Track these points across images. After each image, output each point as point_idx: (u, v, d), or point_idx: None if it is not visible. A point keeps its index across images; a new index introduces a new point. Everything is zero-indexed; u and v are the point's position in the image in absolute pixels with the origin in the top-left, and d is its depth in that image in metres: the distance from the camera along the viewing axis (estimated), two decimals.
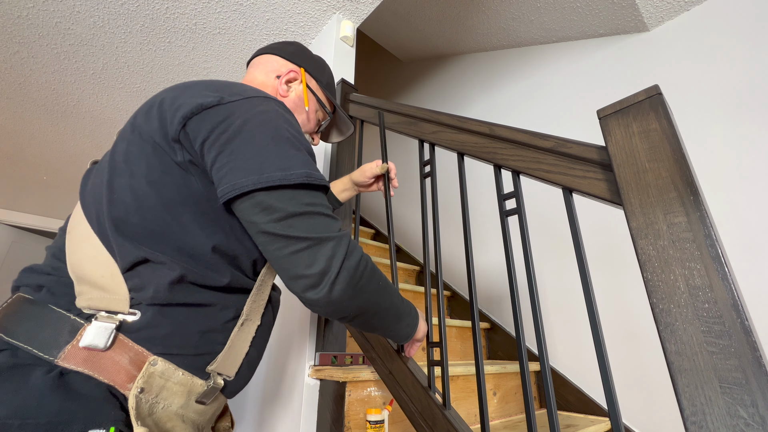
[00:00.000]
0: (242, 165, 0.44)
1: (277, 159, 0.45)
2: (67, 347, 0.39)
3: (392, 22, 2.32)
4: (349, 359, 1.03)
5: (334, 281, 0.44)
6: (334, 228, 0.47)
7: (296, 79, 0.68)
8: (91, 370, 0.39)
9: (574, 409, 1.37)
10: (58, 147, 2.63)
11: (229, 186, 0.44)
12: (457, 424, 0.68)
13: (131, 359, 0.41)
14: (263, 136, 0.47)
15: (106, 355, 0.40)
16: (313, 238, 0.44)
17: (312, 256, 0.44)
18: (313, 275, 0.43)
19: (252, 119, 0.47)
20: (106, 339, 0.40)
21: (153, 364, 0.42)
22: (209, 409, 0.50)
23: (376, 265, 0.53)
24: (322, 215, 0.47)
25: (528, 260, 0.64)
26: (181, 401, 0.45)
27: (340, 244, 0.46)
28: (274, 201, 0.44)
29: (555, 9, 1.75)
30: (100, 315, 0.42)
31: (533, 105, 1.92)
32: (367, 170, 0.90)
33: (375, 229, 2.71)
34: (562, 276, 1.54)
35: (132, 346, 0.42)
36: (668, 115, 0.51)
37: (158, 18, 1.59)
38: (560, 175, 0.63)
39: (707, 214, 0.45)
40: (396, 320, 0.60)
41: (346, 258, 0.46)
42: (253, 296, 0.53)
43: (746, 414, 0.38)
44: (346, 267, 0.46)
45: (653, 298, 0.46)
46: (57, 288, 0.44)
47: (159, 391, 0.42)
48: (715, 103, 1.34)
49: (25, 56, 1.76)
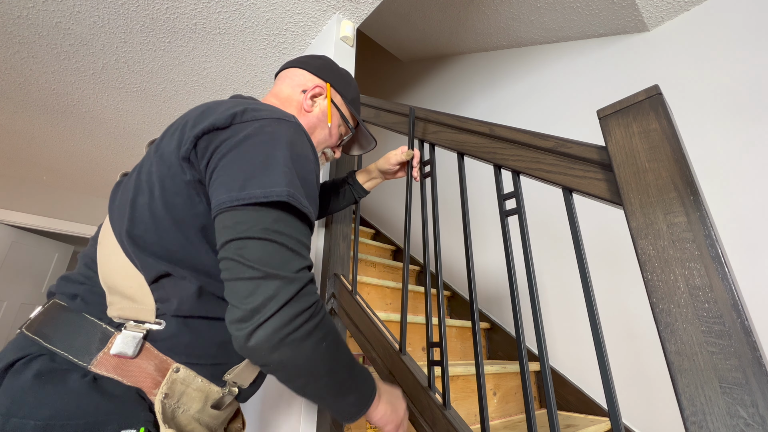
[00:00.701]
0: (227, 181, 0.43)
1: (263, 177, 0.43)
2: (99, 354, 0.42)
3: (392, 21, 2.32)
4: None
5: (261, 324, 0.38)
6: (291, 266, 0.41)
7: (321, 94, 0.69)
8: (121, 376, 0.42)
9: (574, 409, 1.37)
10: (58, 147, 2.63)
11: (215, 204, 0.43)
12: (457, 424, 0.68)
13: (156, 366, 0.44)
14: (257, 154, 0.45)
15: (134, 363, 0.43)
16: (259, 270, 0.39)
17: (251, 289, 0.39)
18: (244, 310, 0.39)
19: (252, 137, 0.46)
20: (135, 347, 0.43)
21: (176, 371, 0.45)
22: (222, 414, 0.52)
23: (334, 328, 0.46)
24: (285, 247, 0.42)
25: (528, 260, 0.64)
26: (199, 406, 0.47)
27: (289, 286, 0.40)
28: (240, 218, 0.41)
29: (555, 9, 1.75)
30: (129, 324, 0.45)
31: (533, 105, 1.93)
32: (392, 157, 0.90)
33: (375, 229, 2.71)
34: (562, 276, 1.54)
35: (157, 354, 0.45)
36: (668, 115, 0.51)
37: (158, 18, 1.59)
38: (560, 175, 0.63)
39: (707, 214, 0.45)
40: (335, 394, 0.48)
41: (288, 304, 0.40)
42: None
43: (746, 414, 0.38)
44: (282, 313, 0.39)
45: (653, 298, 0.46)
46: (90, 297, 0.46)
47: (180, 396, 0.45)
48: (715, 103, 1.34)
49: (25, 56, 1.76)
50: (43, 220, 3.24)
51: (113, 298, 0.45)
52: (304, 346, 0.41)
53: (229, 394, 0.50)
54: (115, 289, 0.46)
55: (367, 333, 0.93)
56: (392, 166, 0.91)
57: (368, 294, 1.46)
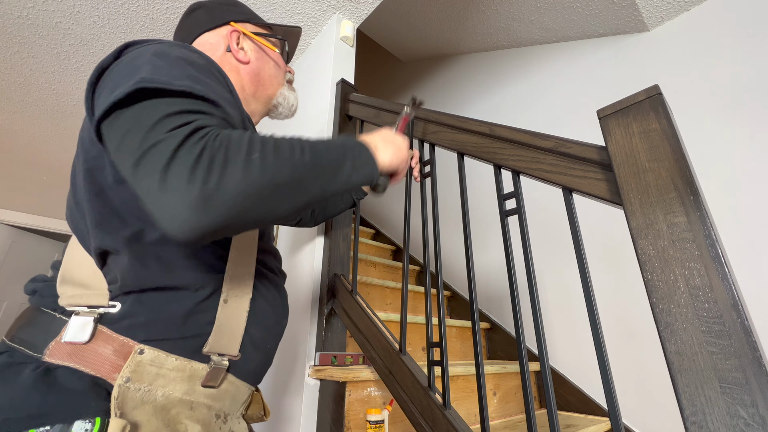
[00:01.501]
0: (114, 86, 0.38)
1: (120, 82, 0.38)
2: (51, 343, 0.41)
3: (392, 22, 2.32)
4: (349, 359, 1.03)
5: (166, 193, 0.34)
6: (159, 132, 0.36)
7: (238, 37, 0.64)
8: (77, 363, 0.41)
9: (574, 409, 1.37)
10: (58, 147, 2.63)
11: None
12: (457, 424, 0.68)
13: (115, 350, 0.42)
14: (124, 68, 0.40)
15: (88, 348, 0.41)
16: (136, 159, 0.36)
17: (138, 174, 0.36)
18: (148, 200, 0.36)
19: (128, 55, 0.42)
20: (86, 332, 0.41)
21: (140, 353, 0.42)
22: (224, 394, 0.48)
23: (260, 138, 0.39)
24: (148, 128, 0.36)
25: (528, 260, 0.64)
26: (184, 387, 0.44)
27: (167, 141, 0.35)
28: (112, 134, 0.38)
29: (555, 9, 1.75)
30: (81, 311, 0.43)
31: (533, 105, 1.93)
32: None
33: (375, 229, 2.72)
34: (562, 276, 1.54)
35: (115, 337, 0.42)
36: (668, 115, 0.51)
37: (158, 18, 1.59)
38: (560, 175, 0.63)
39: (707, 214, 0.45)
40: (322, 182, 0.42)
41: (176, 153, 0.35)
42: (229, 271, 0.50)
43: (746, 414, 0.38)
44: (177, 162, 0.34)
45: (653, 298, 0.46)
46: (46, 291, 0.46)
47: (153, 379, 0.42)
48: (715, 102, 1.34)
49: (25, 56, 1.76)
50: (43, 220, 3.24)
51: (64, 288, 0.44)
52: (233, 177, 0.34)
53: (217, 368, 0.47)
54: (69, 280, 0.45)
55: (367, 333, 0.93)
56: None
57: (368, 294, 1.46)
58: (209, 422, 0.46)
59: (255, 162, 0.36)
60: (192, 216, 0.32)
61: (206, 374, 0.46)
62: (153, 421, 0.41)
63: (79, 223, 0.46)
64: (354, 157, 0.48)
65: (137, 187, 0.34)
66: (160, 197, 0.32)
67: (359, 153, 0.49)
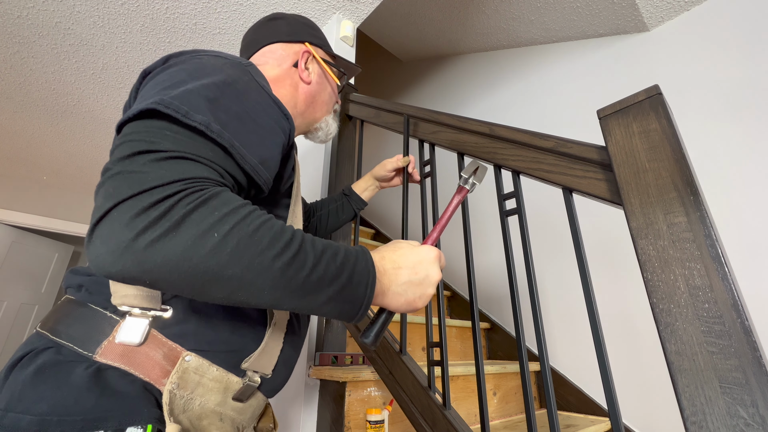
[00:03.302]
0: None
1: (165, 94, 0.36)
2: (104, 342, 0.40)
3: (392, 22, 2.32)
4: (349, 359, 1.03)
5: (94, 227, 0.32)
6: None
7: (308, 58, 0.65)
8: (127, 365, 0.40)
9: (574, 409, 1.37)
10: (58, 147, 2.63)
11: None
12: (457, 424, 0.68)
13: (165, 354, 0.42)
14: (167, 78, 0.39)
15: (140, 351, 0.41)
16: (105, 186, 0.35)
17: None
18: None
19: (177, 65, 0.42)
20: (140, 334, 0.41)
21: (187, 360, 0.42)
22: (248, 408, 0.49)
23: (248, 216, 0.34)
24: (135, 145, 0.35)
25: (528, 260, 0.64)
26: (218, 398, 0.44)
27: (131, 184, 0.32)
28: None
29: (555, 9, 1.75)
30: (134, 311, 0.42)
31: (533, 105, 1.93)
32: (388, 163, 0.90)
33: (375, 229, 2.72)
34: (562, 276, 1.54)
35: (165, 342, 0.42)
36: (668, 115, 0.51)
37: (158, 18, 1.59)
38: (560, 175, 0.63)
39: (707, 214, 0.45)
40: (277, 297, 0.35)
41: (129, 200, 0.32)
42: None
43: (746, 414, 0.38)
44: (121, 208, 0.31)
45: (653, 298, 0.46)
46: (94, 287, 0.45)
47: (195, 387, 0.42)
48: (715, 102, 1.34)
49: (25, 56, 1.76)
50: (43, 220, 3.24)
51: (117, 286, 0.43)
52: (173, 245, 0.30)
53: (250, 384, 0.47)
54: None
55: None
56: (388, 172, 0.90)
57: None
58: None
59: (210, 241, 0.31)
60: (107, 258, 0.29)
61: (239, 388, 0.46)
62: (191, 430, 0.41)
63: None
64: (347, 285, 0.38)
65: (95, 194, 0.32)
66: (100, 221, 0.30)
67: (356, 284, 0.38)
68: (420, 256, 0.45)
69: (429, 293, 0.45)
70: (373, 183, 0.93)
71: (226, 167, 0.37)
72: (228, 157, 0.38)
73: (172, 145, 0.34)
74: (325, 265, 0.36)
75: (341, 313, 0.39)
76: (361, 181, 0.94)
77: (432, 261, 0.45)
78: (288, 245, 0.34)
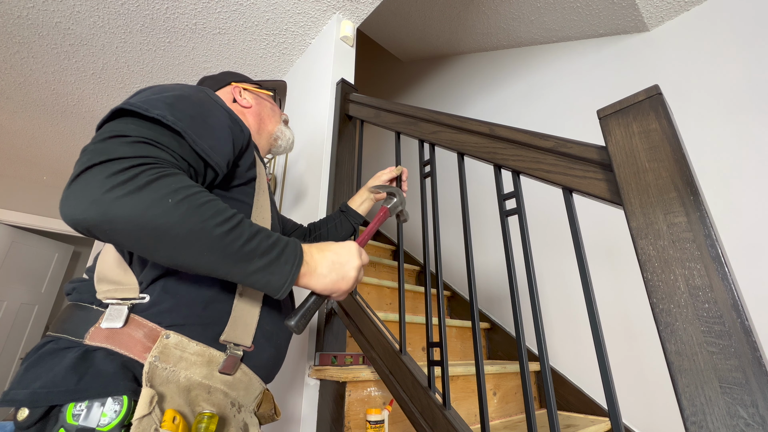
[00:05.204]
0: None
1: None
2: (91, 329, 0.48)
3: (392, 22, 2.32)
4: (349, 359, 1.03)
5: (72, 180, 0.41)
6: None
7: (239, 91, 0.80)
8: (112, 344, 0.47)
9: (574, 409, 1.37)
10: (58, 147, 2.63)
11: None
12: (457, 424, 0.68)
13: (146, 334, 0.48)
14: (145, 91, 0.50)
15: (123, 332, 0.48)
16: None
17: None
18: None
19: (147, 88, 0.52)
20: (121, 319, 0.48)
21: (166, 337, 0.48)
22: (238, 383, 0.53)
23: (198, 194, 0.43)
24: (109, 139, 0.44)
25: (528, 260, 0.64)
26: (203, 371, 0.49)
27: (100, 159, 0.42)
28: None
29: (555, 9, 1.75)
30: (115, 302, 0.50)
31: (533, 105, 1.93)
32: (382, 174, 0.95)
33: None
34: (562, 276, 1.54)
35: (145, 323, 0.49)
36: (668, 115, 0.51)
37: (158, 18, 1.59)
38: (560, 175, 0.63)
39: (707, 214, 0.45)
40: (211, 260, 0.43)
41: (102, 164, 0.41)
42: None
43: (746, 414, 0.38)
44: (101, 168, 0.40)
45: (653, 298, 0.46)
46: (83, 288, 0.53)
47: (177, 361, 0.48)
48: (715, 103, 1.34)
49: (25, 56, 1.76)
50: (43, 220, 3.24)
51: (101, 285, 0.51)
52: (134, 203, 0.38)
53: (232, 356, 0.52)
54: (104, 279, 0.51)
55: (367, 333, 0.93)
56: (382, 183, 0.94)
57: (368, 294, 1.46)
58: (224, 408, 0.50)
59: (165, 204, 0.40)
60: (78, 207, 0.38)
61: (223, 361, 0.51)
62: (176, 398, 0.46)
63: None
64: (275, 260, 0.46)
65: (75, 164, 0.41)
66: (75, 179, 0.39)
67: (284, 261, 0.47)
68: (343, 246, 0.55)
69: (351, 276, 0.53)
70: (368, 196, 0.97)
71: (182, 153, 0.47)
72: (183, 143, 0.47)
73: (136, 133, 0.43)
74: (258, 241, 0.45)
75: (267, 284, 0.46)
76: (357, 196, 0.98)
77: (353, 250, 0.55)
78: (228, 219, 0.44)
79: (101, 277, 0.52)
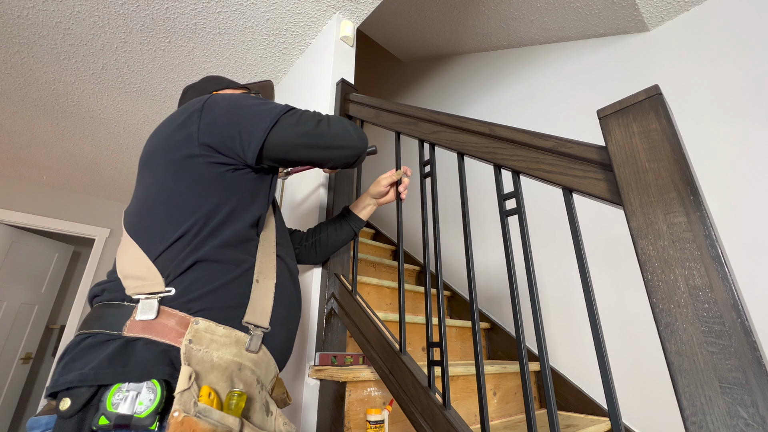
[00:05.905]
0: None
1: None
2: (128, 322, 0.52)
3: (392, 22, 2.32)
4: (349, 359, 1.03)
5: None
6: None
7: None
8: (149, 334, 0.52)
9: (574, 409, 1.37)
10: (58, 147, 2.62)
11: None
12: (457, 424, 0.68)
13: (177, 322, 0.54)
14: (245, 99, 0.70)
15: (157, 322, 0.53)
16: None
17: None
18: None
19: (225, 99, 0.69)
20: (153, 311, 0.53)
21: (196, 323, 0.54)
22: (261, 362, 0.59)
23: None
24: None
25: (528, 260, 0.64)
26: (234, 350, 0.55)
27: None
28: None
29: (555, 9, 1.75)
30: (145, 297, 0.55)
31: (533, 105, 1.93)
32: (383, 179, 0.97)
33: (375, 229, 2.72)
34: (562, 276, 1.54)
35: (175, 313, 0.54)
36: (668, 115, 0.51)
37: (158, 18, 1.59)
38: (560, 175, 0.63)
39: (707, 214, 0.45)
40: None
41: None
42: (259, 257, 0.65)
43: (746, 414, 0.38)
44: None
45: (653, 298, 0.46)
46: (112, 287, 0.57)
47: (209, 343, 0.54)
48: (715, 103, 1.34)
49: (25, 56, 1.76)
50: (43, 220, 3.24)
51: (128, 281, 0.56)
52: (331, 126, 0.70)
53: (256, 335, 0.59)
54: (130, 276, 0.56)
55: (367, 333, 0.93)
56: (384, 188, 0.96)
57: (368, 294, 1.46)
58: (251, 384, 0.55)
59: (323, 124, 0.69)
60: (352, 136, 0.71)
61: (248, 341, 0.57)
62: (210, 376, 0.51)
63: (148, 223, 0.61)
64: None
65: (315, 125, 0.68)
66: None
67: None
68: None
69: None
70: (370, 201, 0.99)
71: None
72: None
73: (301, 112, 0.69)
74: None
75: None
76: (360, 201, 1.01)
77: None
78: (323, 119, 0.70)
79: (125, 274, 0.57)
